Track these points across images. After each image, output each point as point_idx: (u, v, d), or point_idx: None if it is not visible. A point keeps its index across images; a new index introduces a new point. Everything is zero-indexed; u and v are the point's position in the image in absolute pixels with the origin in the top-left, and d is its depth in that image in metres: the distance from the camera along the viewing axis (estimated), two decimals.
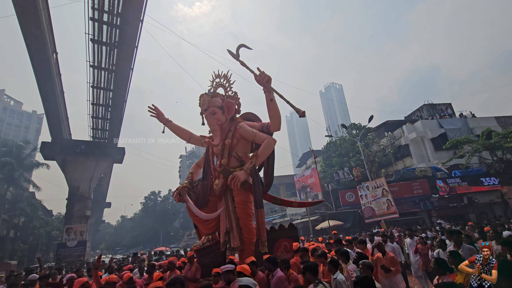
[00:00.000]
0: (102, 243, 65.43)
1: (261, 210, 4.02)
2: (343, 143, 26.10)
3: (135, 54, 14.88)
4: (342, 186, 22.89)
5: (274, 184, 25.74)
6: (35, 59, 14.43)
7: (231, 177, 4.00)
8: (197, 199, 4.59)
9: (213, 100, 4.52)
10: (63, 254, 19.98)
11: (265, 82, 3.78)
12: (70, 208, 23.02)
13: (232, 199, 4.25)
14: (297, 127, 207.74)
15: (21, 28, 11.98)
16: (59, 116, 20.60)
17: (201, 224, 4.66)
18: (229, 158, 4.39)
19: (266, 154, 4.22)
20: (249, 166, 4.08)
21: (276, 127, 4.20)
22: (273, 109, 3.99)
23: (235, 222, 4.12)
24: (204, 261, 4.49)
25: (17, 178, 28.82)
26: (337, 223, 18.13)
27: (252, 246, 4.14)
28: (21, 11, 10.96)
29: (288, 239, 4.97)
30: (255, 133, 4.26)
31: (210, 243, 4.55)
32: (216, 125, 4.44)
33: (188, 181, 4.83)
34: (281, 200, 5.10)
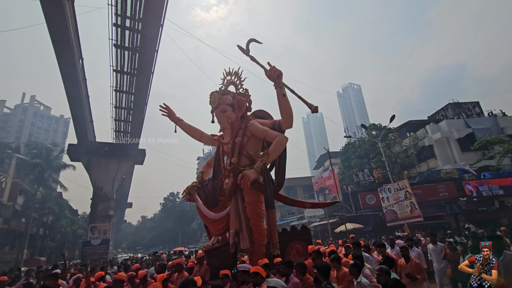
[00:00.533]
0: (124, 242, 67.58)
1: (273, 211, 3.84)
2: (363, 144, 25.46)
3: (155, 58, 15.30)
4: (362, 188, 22.31)
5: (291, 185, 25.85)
6: (63, 65, 15.18)
7: (241, 176, 3.83)
8: (207, 199, 4.50)
9: (223, 98, 4.41)
10: (88, 252, 20.77)
11: (275, 77, 3.62)
12: (94, 207, 23.94)
13: (242, 199, 4.11)
14: (314, 128, 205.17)
15: (50, 35, 12.67)
16: (85, 119, 21.54)
17: (211, 225, 4.55)
18: (240, 157, 4.22)
19: (277, 152, 4.05)
20: (260, 164, 3.89)
21: (288, 124, 4.01)
22: (285, 105, 3.78)
23: (245, 222, 3.95)
24: (214, 262, 4.37)
25: (46, 178, 30.35)
26: (357, 226, 17.66)
27: (263, 248, 3.97)
28: (50, 19, 11.60)
29: (301, 242, 4.73)
30: (266, 131, 4.12)
31: (220, 244, 4.43)
32: (227, 123, 4.35)
33: (198, 180, 4.76)
34: (293, 200, 4.85)
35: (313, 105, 3.33)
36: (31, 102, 73.73)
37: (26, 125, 68.95)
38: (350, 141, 27.88)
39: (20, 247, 27.28)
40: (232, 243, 3.97)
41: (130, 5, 11.98)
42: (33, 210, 28.56)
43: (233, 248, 3.98)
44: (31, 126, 70.06)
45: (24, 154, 30.68)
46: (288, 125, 4.02)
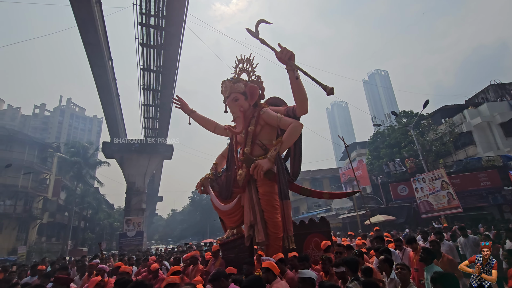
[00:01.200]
0: (156, 234, 70.97)
1: (287, 202, 3.61)
2: (393, 133, 24.30)
3: (179, 55, 15.57)
4: (393, 178, 21.36)
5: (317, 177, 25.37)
6: (94, 67, 15.95)
7: (254, 166, 3.66)
8: (221, 191, 4.38)
9: (235, 86, 4.23)
10: (124, 243, 22.03)
11: (287, 59, 3.37)
12: (128, 201, 25.27)
13: (256, 190, 3.94)
14: (339, 119, 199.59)
15: (82, 38, 13.32)
16: (116, 118, 22.61)
17: (225, 217, 4.45)
18: (253, 146, 4.05)
19: (291, 140, 3.82)
20: (273, 153, 3.70)
21: (302, 109, 3.73)
22: (298, 89, 3.53)
23: (260, 215, 3.79)
24: (229, 255, 4.23)
25: (84, 175, 32.50)
26: (388, 218, 16.99)
27: (278, 241, 3.78)
28: (81, 22, 12.18)
29: (319, 235, 4.44)
30: (280, 118, 3.90)
31: (235, 237, 4.28)
32: (239, 112, 4.18)
33: (212, 172, 4.66)
34: (310, 190, 4.58)
35: (328, 86, 3.05)
36: (67, 104, 78.88)
37: (64, 126, 74.02)
38: (378, 130, 26.73)
39: (65, 238, 29.64)
40: (247, 236, 3.83)
41: (153, 3, 12.23)
42: (74, 204, 30.81)
43: (248, 241, 3.83)
44: (69, 126, 75.08)
45: (64, 153, 33.01)
46: (303, 111, 3.75)
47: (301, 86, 3.55)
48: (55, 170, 31.42)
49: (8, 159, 23.36)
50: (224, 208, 4.23)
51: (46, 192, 29.47)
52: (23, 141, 28.05)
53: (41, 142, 31.99)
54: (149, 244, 52.70)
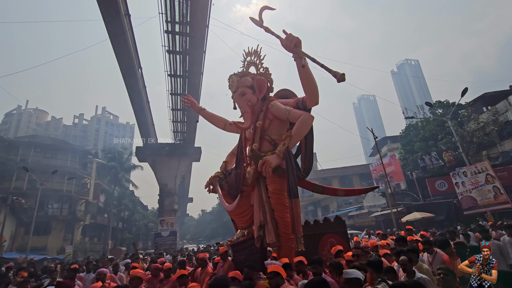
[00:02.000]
0: (188, 233, 73.31)
1: (296, 200, 3.38)
2: (427, 125, 22.94)
3: (204, 59, 15.94)
4: (430, 173, 20.16)
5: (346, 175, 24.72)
6: (126, 76, 16.85)
7: (261, 163, 3.46)
8: (230, 190, 4.17)
9: (242, 80, 4.05)
10: (159, 243, 23.00)
11: (293, 46, 3.12)
12: (161, 202, 26.37)
13: (265, 188, 3.75)
14: (367, 113, 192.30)
15: (114, 50, 14.14)
16: (147, 123, 23.71)
17: (235, 217, 4.27)
18: (261, 142, 3.85)
19: (301, 133, 3.57)
20: (282, 148, 3.48)
21: (313, 100, 3.48)
22: (307, 78, 3.28)
23: (270, 214, 3.59)
24: (239, 257, 4.05)
25: (120, 179, 34.47)
26: (426, 215, 16.05)
27: (291, 242, 3.55)
28: (113, 35, 12.93)
29: (335, 236, 4.15)
30: (289, 111, 3.63)
31: (245, 238, 4.07)
32: (247, 107, 3.98)
33: (221, 170, 4.47)
34: (322, 187, 4.18)
35: (338, 72, 2.81)
36: (103, 113, 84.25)
37: (100, 133, 79.11)
38: (411, 123, 25.38)
39: (105, 238, 31.61)
40: (257, 236, 3.62)
41: (178, 11, 12.65)
42: (112, 206, 32.78)
43: (258, 242, 3.61)
44: (105, 134, 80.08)
45: (102, 158, 35.34)
46: (313, 101, 3.49)
47: (310, 75, 3.32)
48: (94, 174, 33.72)
49: (53, 166, 25.48)
50: (228, 208, 4.11)
51: (88, 196, 31.74)
52: (66, 149, 30.46)
53: (81, 149, 34.54)
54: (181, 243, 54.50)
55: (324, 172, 38.57)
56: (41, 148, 28.86)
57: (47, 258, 19.27)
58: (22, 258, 16.60)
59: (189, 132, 24.77)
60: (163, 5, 12.27)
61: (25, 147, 28.01)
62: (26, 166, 20.83)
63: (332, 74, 2.81)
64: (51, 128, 74.12)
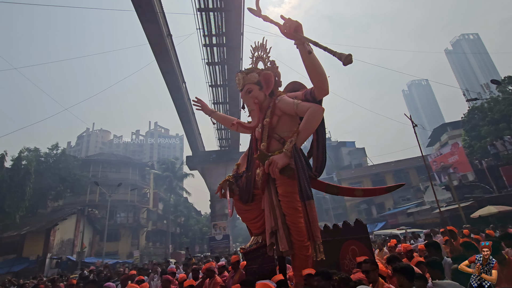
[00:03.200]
0: (240, 236, 75.21)
1: (310, 202, 2.97)
2: (496, 106, 20.13)
3: (241, 66, 16.36)
4: (505, 160, 17.60)
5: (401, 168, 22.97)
6: (172, 91, 18.15)
7: (267, 163, 3.19)
8: (241, 194, 3.90)
9: (248, 77, 3.79)
10: (214, 246, 24.02)
11: (293, 31, 2.83)
12: (213, 207, 27.56)
13: (275, 191, 3.41)
14: (420, 99, 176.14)
15: (160, 69, 15.39)
16: (194, 133, 25.13)
17: (249, 223, 3.98)
18: (270, 141, 3.57)
19: (310, 128, 3.18)
20: (289, 146, 3.17)
21: (321, 90, 3.12)
22: (313, 65, 2.97)
23: (281, 219, 3.25)
24: (252, 266, 3.78)
25: (174, 187, 37.08)
26: (504, 208, 14.03)
27: (305, 250, 3.23)
28: (158, 56, 14.10)
29: (356, 243, 3.64)
30: (297, 104, 3.28)
31: (258, 245, 3.75)
32: (253, 104, 3.72)
33: (233, 173, 4.21)
34: (337, 188, 3.68)
35: (343, 54, 2.50)
36: (155, 128, 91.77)
37: (154, 146, 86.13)
38: (474, 105, 22.53)
39: (166, 243, 34.18)
40: (269, 244, 3.30)
41: (214, 23, 13.26)
42: (169, 213, 35.38)
43: (271, 250, 3.30)
44: (158, 146, 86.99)
45: (157, 169, 38.47)
46: (323, 91, 3.14)
47: (316, 62, 2.99)
48: (152, 184, 36.87)
49: (118, 179, 28.53)
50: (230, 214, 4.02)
51: (148, 204, 34.77)
52: (127, 164, 33.94)
53: (139, 162, 38.11)
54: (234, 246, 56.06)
55: (375, 167, 36.30)
56: (107, 164, 32.61)
57: (119, 262, 21.52)
58: (99, 262, 18.85)
59: (233, 138, 25.55)
60: (200, 21, 12.97)
61: (95, 164, 31.92)
62: (97, 181, 23.68)
63: (337, 57, 2.51)
64: (114, 146, 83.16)
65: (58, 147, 27.40)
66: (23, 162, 23.58)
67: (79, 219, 24.06)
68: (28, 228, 21.09)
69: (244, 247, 3.93)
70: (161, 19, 12.29)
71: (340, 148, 51.61)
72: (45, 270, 18.80)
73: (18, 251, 20.89)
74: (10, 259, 20.40)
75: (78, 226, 23.83)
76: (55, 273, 14.73)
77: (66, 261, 20.50)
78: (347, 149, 49.61)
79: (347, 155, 48.01)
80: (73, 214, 23.61)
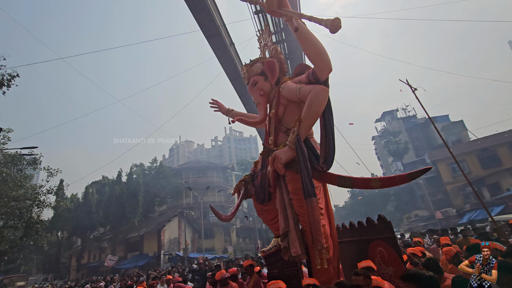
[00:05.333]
0: None
1: (311, 200, 2.58)
2: None
3: (303, 59, 16.07)
4: None
5: None
6: (241, 96, 19.03)
7: (272, 158, 2.90)
8: (257, 194, 3.58)
9: (252, 69, 3.54)
10: None
11: (276, 8, 2.49)
12: None
13: (286, 188, 3.07)
14: None
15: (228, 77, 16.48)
16: None
17: (269, 223, 3.64)
18: (277, 134, 3.24)
19: (313, 113, 2.76)
20: (292, 138, 2.80)
21: (322, 68, 2.71)
22: (307, 41, 2.62)
23: (293, 219, 2.91)
24: (273, 271, 3.40)
25: None
26: None
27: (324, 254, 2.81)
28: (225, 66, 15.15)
29: (383, 243, 2.92)
30: (299, 89, 2.92)
31: (276, 248, 3.37)
32: (259, 97, 3.46)
33: (251, 172, 3.91)
34: (350, 179, 2.92)
35: (329, 20, 2.11)
36: (230, 132, 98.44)
37: (232, 150, 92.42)
38: None
39: (255, 239, 36.18)
40: (283, 247, 2.95)
41: (271, 22, 13.44)
42: (253, 211, 37.33)
43: (286, 254, 2.94)
44: (235, 149, 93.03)
45: (237, 170, 41.22)
46: (324, 69, 2.69)
47: (310, 37, 2.62)
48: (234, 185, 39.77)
49: (206, 183, 31.81)
50: (224, 220, 3.77)
51: (233, 204, 37.56)
52: (211, 168, 37.54)
53: (221, 166, 41.59)
54: None
55: (482, 141, 30.25)
56: (196, 171, 36.72)
57: (217, 256, 23.92)
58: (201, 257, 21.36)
59: None
60: (258, 23, 13.34)
61: (186, 172, 36.35)
62: (190, 186, 26.93)
63: (323, 25, 2.20)
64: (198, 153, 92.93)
65: (156, 160, 32.36)
66: (134, 176, 28.68)
67: (180, 220, 27.83)
68: (144, 229, 25.55)
69: (264, 249, 3.67)
70: (223, 31, 13.14)
71: (430, 125, 45.10)
72: (161, 264, 22.40)
73: (140, 249, 25.54)
74: (135, 256, 25.13)
75: (180, 226, 27.55)
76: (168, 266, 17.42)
77: (175, 257, 23.95)
78: (440, 124, 42.98)
79: (441, 132, 41.62)
80: (175, 216, 27.51)
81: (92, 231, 30.12)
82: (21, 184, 16.22)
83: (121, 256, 25.57)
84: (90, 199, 27.29)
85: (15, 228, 16.82)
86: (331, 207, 3.22)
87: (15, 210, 15.78)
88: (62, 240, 30.87)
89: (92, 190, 28.18)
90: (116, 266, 21.93)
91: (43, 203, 17.25)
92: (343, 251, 3.52)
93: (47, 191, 17.92)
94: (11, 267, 33.28)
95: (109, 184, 29.94)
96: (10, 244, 16.98)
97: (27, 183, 17.13)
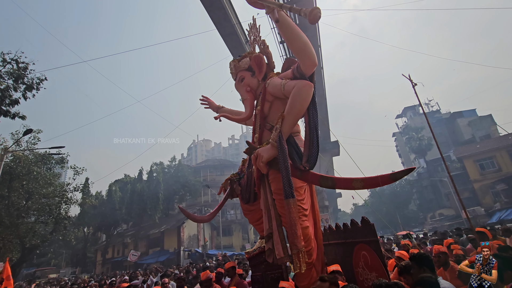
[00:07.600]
0: None
1: (288, 202, 2.42)
2: None
3: (320, 53, 15.82)
4: None
5: None
6: None
7: (254, 157, 2.77)
8: (242, 193, 3.45)
9: (239, 64, 3.43)
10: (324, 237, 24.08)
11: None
12: None
13: (270, 188, 2.90)
14: None
15: None
16: None
17: (254, 224, 3.53)
18: (262, 131, 3.11)
19: (297, 109, 2.62)
20: (274, 135, 2.66)
21: (305, 61, 2.59)
22: (289, 34, 2.49)
23: (276, 221, 2.75)
24: (256, 274, 3.26)
25: None
26: None
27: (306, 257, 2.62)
28: None
29: (366, 247, 2.73)
30: (283, 84, 2.78)
31: (260, 250, 3.22)
32: (246, 93, 3.34)
33: (238, 171, 3.79)
34: (332, 179, 2.74)
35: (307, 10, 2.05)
36: (247, 131, 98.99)
37: None
38: None
39: None
40: (267, 250, 2.78)
41: None
42: None
43: (270, 256, 2.76)
44: None
45: None
46: (307, 63, 2.56)
47: (292, 29, 2.50)
48: None
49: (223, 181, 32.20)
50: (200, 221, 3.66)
51: None
52: (229, 166, 37.90)
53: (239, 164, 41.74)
54: None
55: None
56: (213, 169, 37.22)
57: (235, 253, 24.20)
58: (220, 254, 21.67)
59: (322, 128, 24.89)
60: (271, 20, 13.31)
61: (204, 170, 36.94)
62: (207, 184, 27.34)
63: (302, 15, 2.12)
64: (215, 152, 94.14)
65: (175, 159, 33.10)
66: (154, 174, 29.51)
67: None
68: (165, 226, 26.29)
69: (249, 251, 3.56)
70: (238, 29, 13.18)
71: (455, 119, 43.06)
72: (180, 260, 22.97)
73: (161, 245, 26.31)
74: (156, 251, 25.92)
75: (199, 223, 28.06)
76: (187, 262, 17.83)
77: (194, 253, 24.46)
78: (466, 119, 40.94)
79: (467, 127, 39.62)
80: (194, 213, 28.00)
81: (115, 227, 31.40)
82: (50, 182, 17.16)
83: (143, 251, 26.47)
84: (113, 196, 28.44)
85: (45, 223, 17.84)
86: (317, 208, 3.08)
87: (45, 206, 16.73)
88: (88, 236, 32.44)
89: (115, 188, 29.35)
90: (139, 261, 22.74)
91: (71, 200, 18.18)
92: (330, 253, 3.42)
93: (74, 188, 18.86)
94: (43, 260, 35.41)
95: (131, 182, 31.04)
96: (41, 238, 18.00)
97: (55, 181, 18.09)
